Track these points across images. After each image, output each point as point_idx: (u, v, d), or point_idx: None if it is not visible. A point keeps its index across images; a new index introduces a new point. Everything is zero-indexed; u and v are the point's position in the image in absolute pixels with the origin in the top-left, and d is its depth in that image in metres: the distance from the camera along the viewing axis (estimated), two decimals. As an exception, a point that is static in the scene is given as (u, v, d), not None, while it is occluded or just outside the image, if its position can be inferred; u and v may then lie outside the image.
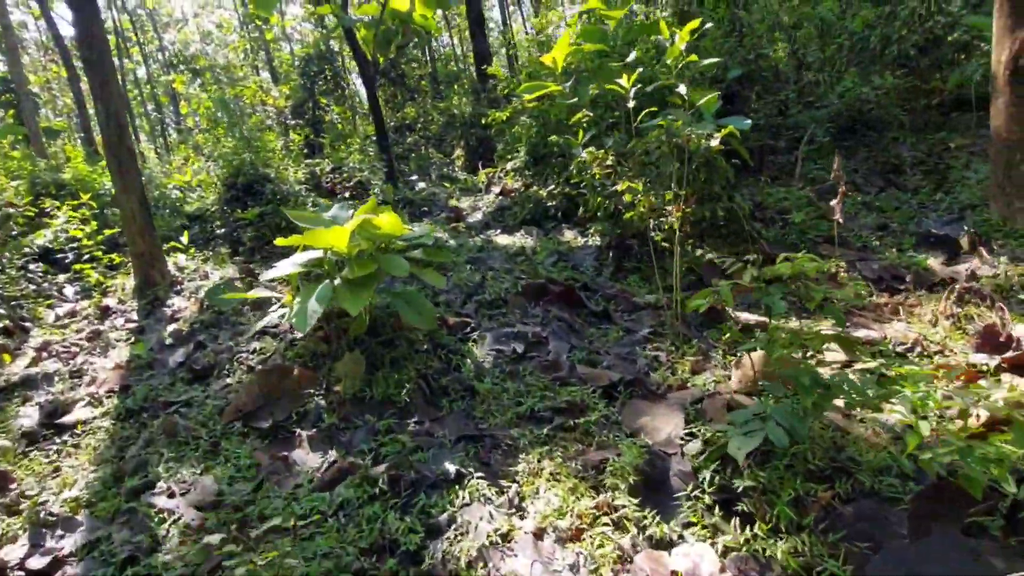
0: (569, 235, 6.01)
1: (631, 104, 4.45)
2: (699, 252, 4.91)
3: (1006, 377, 2.58)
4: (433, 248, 3.61)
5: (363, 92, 12.60)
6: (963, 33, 7.60)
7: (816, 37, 7.92)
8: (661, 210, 4.86)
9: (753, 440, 1.91)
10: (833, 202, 3.82)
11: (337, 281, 3.04)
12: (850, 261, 4.43)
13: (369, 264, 3.02)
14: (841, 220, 3.83)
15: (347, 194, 8.25)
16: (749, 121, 4.94)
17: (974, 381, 2.70)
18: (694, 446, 2.36)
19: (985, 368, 2.71)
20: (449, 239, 6.00)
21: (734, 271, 3.55)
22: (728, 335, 3.38)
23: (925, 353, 3.03)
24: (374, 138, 10.11)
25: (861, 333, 3.40)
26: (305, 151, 10.62)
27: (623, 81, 4.30)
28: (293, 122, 13.06)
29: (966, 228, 4.46)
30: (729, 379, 3.03)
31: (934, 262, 4.22)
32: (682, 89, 3.37)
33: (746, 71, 6.62)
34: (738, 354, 3.29)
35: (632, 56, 6.46)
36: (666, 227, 4.91)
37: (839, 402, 2.09)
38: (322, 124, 13.22)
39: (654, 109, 4.54)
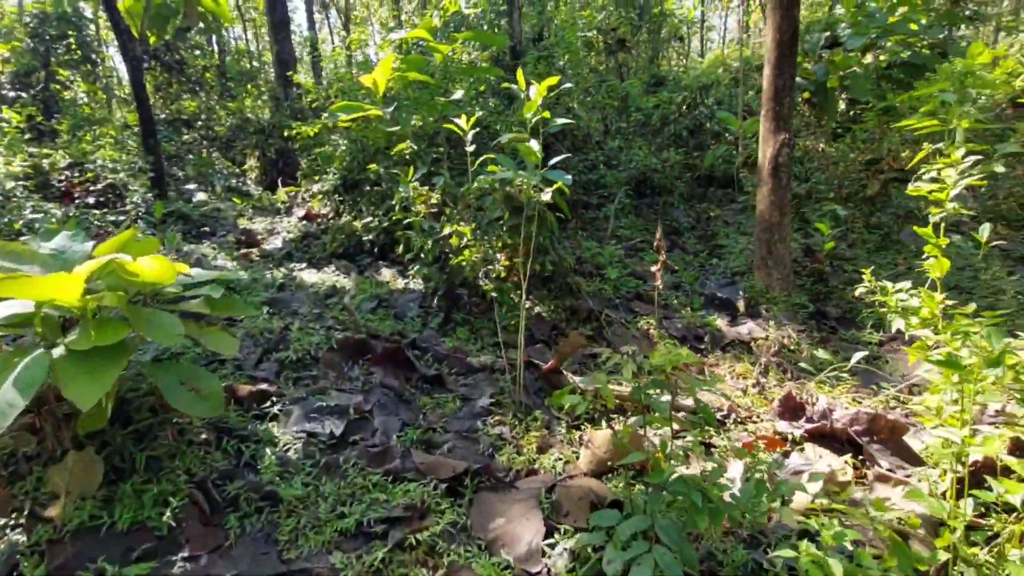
0: (388, 274, 5.44)
1: (471, 148, 4.18)
2: (527, 304, 4.86)
3: (810, 447, 2.87)
4: (222, 299, 2.74)
5: (125, 72, 10.19)
6: (714, 124, 9.24)
7: (620, 111, 8.84)
8: (492, 259, 4.65)
9: (642, 571, 1.66)
10: (654, 268, 4.03)
11: (58, 351, 2.04)
12: (658, 318, 4.77)
13: (118, 329, 2.09)
14: (661, 286, 4.06)
15: (90, 200, 6.35)
16: (570, 176, 5.07)
17: (777, 447, 2.96)
18: (561, 562, 2.05)
19: (790, 436, 2.98)
20: (240, 271, 4.93)
21: (571, 334, 3.42)
22: (568, 404, 3.24)
23: (738, 419, 3.26)
24: (136, 130, 8.14)
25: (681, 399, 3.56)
26: (28, 136, 8.02)
27: (461, 122, 4.00)
28: (13, 94, 9.91)
29: (741, 293, 5.18)
30: (577, 457, 2.85)
31: (722, 323, 4.77)
32: (535, 145, 3.18)
33: (562, 128, 6.97)
34: (582, 427, 3.15)
35: (459, 95, 6.28)
36: (493, 275, 4.71)
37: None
38: (58, 103, 10.30)
39: (491, 156, 4.35)
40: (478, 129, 4.41)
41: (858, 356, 3.42)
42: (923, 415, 2.30)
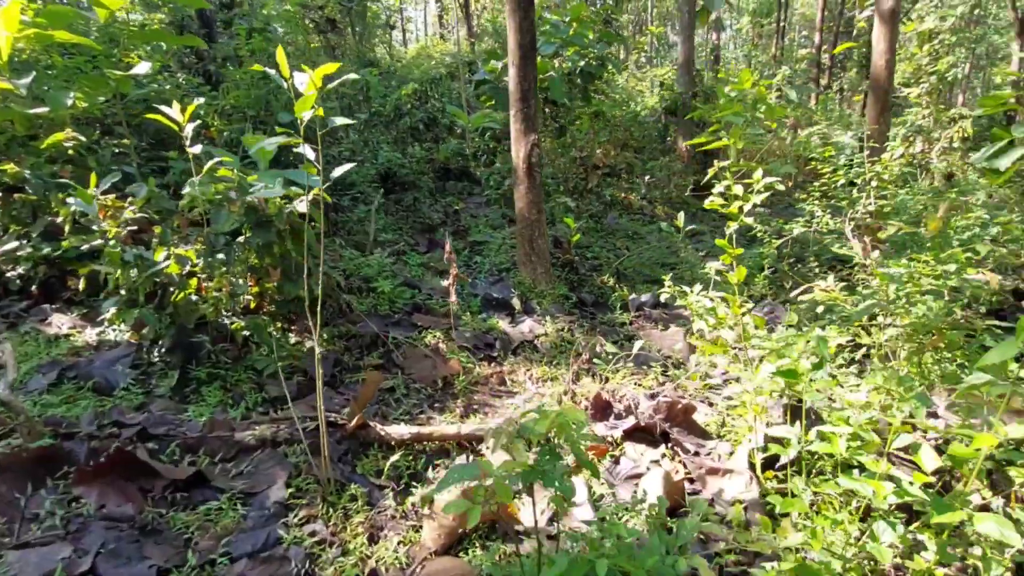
0: (64, 323, 3.79)
1: (195, 149, 3.08)
2: (294, 341, 3.96)
3: (629, 446, 2.98)
4: None
5: None
6: (446, 118, 9.34)
7: (362, 100, 8.06)
8: (238, 288, 3.64)
9: None
10: (445, 282, 3.69)
11: None
12: (445, 330, 4.48)
13: None
14: (456, 302, 3.75)
15: None
16: (319, 178, 4.33)
17: (603, 453, 3.02)
18: None
19: (609, 438, 3.06)
20: None
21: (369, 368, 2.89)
22: (388, 466, 2.69)
23: (558, 432, 3.22)
24: None
25: (495, 421, 3.37)
26: None
27: (175, 112, 2.89)
28: None
29: (513, 291, 5.28)
30: (420, 532, 2.36)
31: (504, 324, 4.76)
32: (310, 154, 2.43)
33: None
34: (412, 487, 2.65)
35: (144, 68, 4.71)
36: (240, 308, 3.71)
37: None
38: None
39: (227, 159, 3.31)
40: (198, 122, 3.30)
41: (638, 345, 3.75)
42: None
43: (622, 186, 8.79)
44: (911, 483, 1.69)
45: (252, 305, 3.91)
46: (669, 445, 2.96)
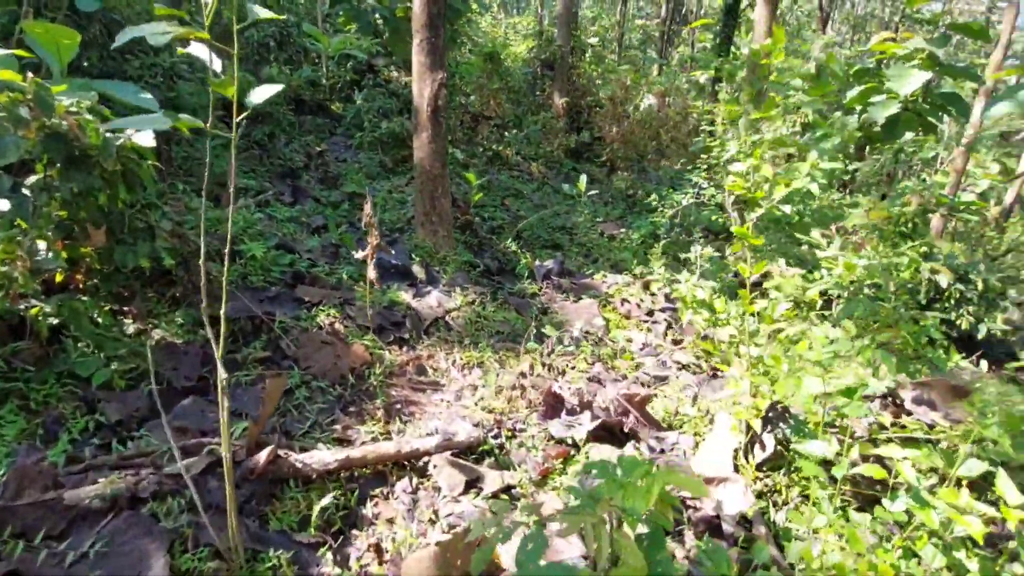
0: None
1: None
2: (132, 330, 2.85)
3: (594, 449, 2.66)
4: None
5: None
6: (301, 37, 7.82)
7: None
8: (37, 256, 2.48)
9: None
10: (362, 253, 2.92)
11: None
12: (337, 305, 3.66)
13: None
14: (375, 278, 3.00)
15: None
16: (151, 96, 3.17)
17: (563, 457, 2.67)
18: None
19: (570, 439, 2.71)
20: None
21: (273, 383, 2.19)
22: (316, 513, 2.00)
23: (511, 433, 2.77)
24: None
25: (431, 425, 2.81)
26: None
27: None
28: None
29: (413, 256, 4.56)
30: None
31: (407, 296, 4.07)
32: (216, 62, 1.50)
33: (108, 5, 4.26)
34: (354, 541, 2.01)
35: None
36: (41, 287, 2.57)
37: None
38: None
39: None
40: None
41: (577, 328, 3.42)
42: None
43: (504, 140, 8.30)
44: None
45: (60, 280, 2.70)
46: (635, 444, 2.71)
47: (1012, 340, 3.77)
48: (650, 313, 4.57)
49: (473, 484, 2.38)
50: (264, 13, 1.50)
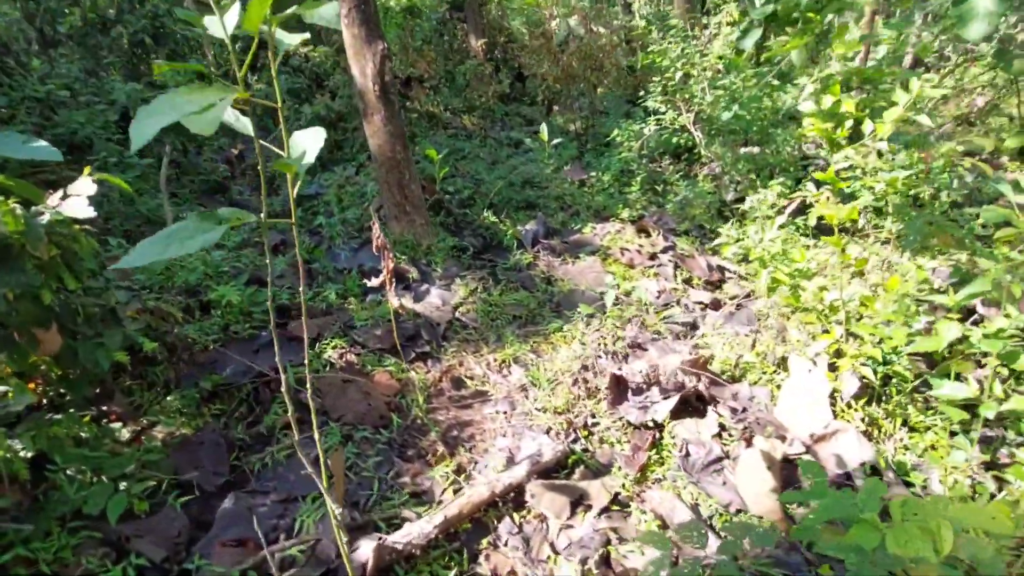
0: None
1: None
2: (128, 435, 2.37)
3: (678, 427, 2.50)
4: None
5: None
6: (177, 24, 6.76)
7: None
8: (-16, 389, 1.98)
9: None
10: (375, 281, 2.52)
11: None
12: (339, 333, 3.27)
13: None
14: (397, 304, 2.62)
15: None
16: (46, 144, 2.57)
17: (656, 442, 2.51)
18: None
19: (651, 422, 2.54)
20: None
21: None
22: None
23: (588, 433, 2.57)
24: None
25: (501, 445, 2.56)
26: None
27: None
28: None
29: (398, 256, 4.14)
30: None
31: (406, 301, 3.70)
32: None
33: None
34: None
35: None
36: None
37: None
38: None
39: None
40: None
41: (612, 296, 3.20)
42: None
43: (435, 100, 7.67)
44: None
45: (32, 404, 2.17)
46: (715, 410, 2.58)
47: None
48: (653, 257, 4.41)
49: (578, 503, 2.19)
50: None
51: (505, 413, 2.78)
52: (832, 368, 2.38)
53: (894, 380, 2.28)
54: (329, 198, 5.03)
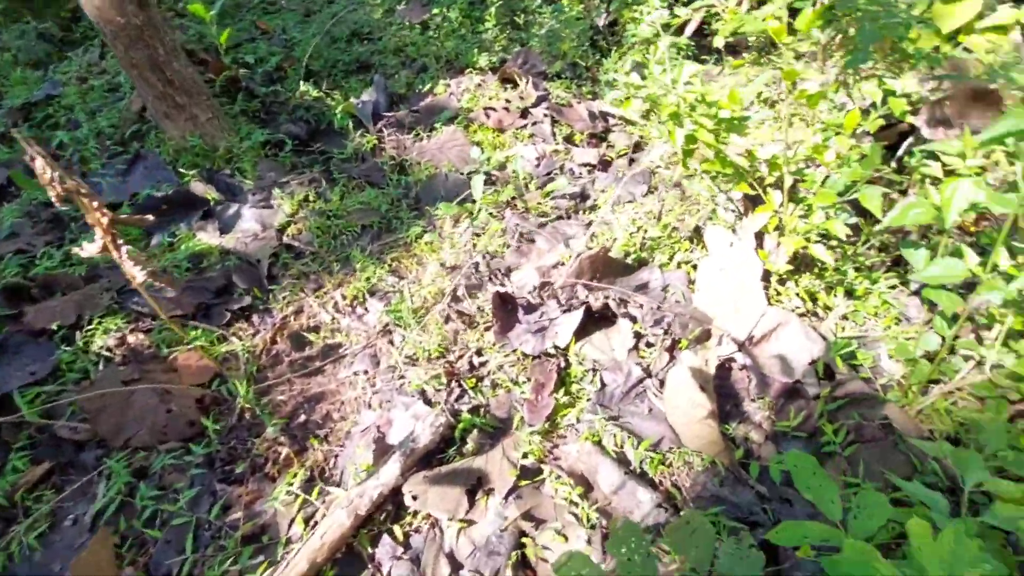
0: None
1: None
2: None
3: (586, 346, 1.97)
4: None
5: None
6: None
7: None
8: None
9: None
10: (88, 249, 1.55)
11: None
12: (111, 307, 2.29)
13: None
14: (150, 271, 1.68)
15: None
16: None
17: (562, 372, 1.97)
18: None
19: (552, 349, 1.99)
20: None
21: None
22: None
23: (475, 381, 1.97)
24: None
25: (366, 421, 1.92)
26: None
27: None
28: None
29: (183, 172, 2.98)
30: None
31: (208, 236, 2.70)
32: None
33: None
34: None
35: None
36: None
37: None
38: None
39: None
40: None
41: (479, 183, 2.43)
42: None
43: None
44: None
45: None
46: (627, 315, 2.06)
47: None
48: (524, 113, 3.59)
49: (477, 489, 1.66)
50: None
51: (366, 373, 2.10)
52: (760, 239, 1.89)
53: (834, 242, 1.85)
54: (70, 101, 3.52)
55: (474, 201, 2.72)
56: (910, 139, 2.04)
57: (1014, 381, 1.34)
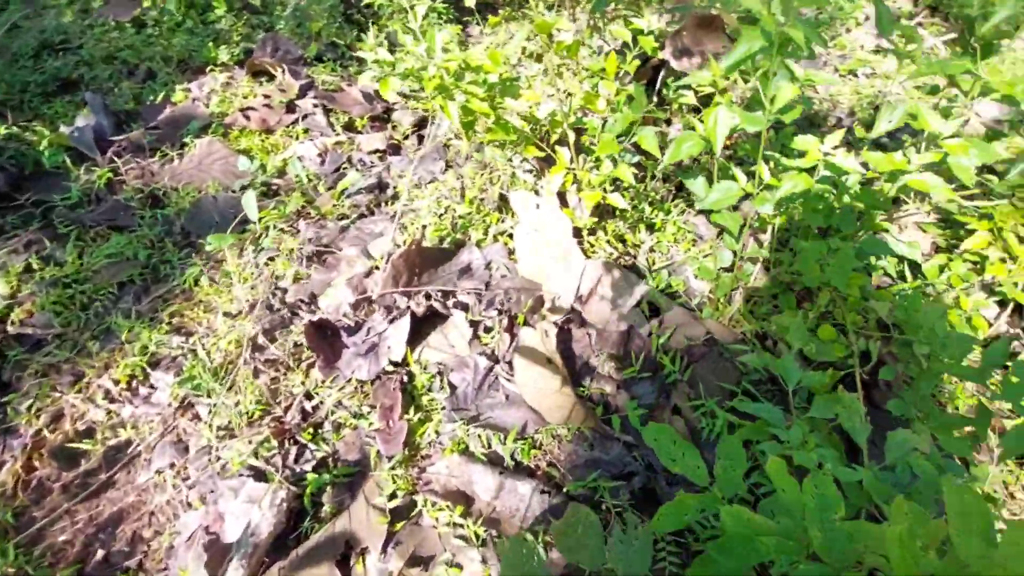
0: None
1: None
2: None
3: (425, 351, 1.81)
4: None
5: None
6: None
7: None
8: None
9: None
10: None
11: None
12: None
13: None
14: None
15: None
16: None
17: (406, 391, 1.79)
18: None
19: (389, 367, 1.80)
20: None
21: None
22: None
23: (314, 429, 1.70)
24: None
25: (185, 530, 1.56)
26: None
27: None
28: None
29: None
30: None
31: None
32: None
33: None
34: None
35: None
36: None
37: None
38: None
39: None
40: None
41: (252, 207, 2.06)
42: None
43: None
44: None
45: None
46: (456, 300, 1.94)
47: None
48: (291, 107, 3.18)
49: (348, 555, 1.44)
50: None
51: (172, 466, 1.70)
52: (563, 198, 1.89)
53: (625, 184, 1.92)
54: None
55: (255, 221, 2.33)
56: (662, 72, 2.18)
57: (795, 276, 1.51)
